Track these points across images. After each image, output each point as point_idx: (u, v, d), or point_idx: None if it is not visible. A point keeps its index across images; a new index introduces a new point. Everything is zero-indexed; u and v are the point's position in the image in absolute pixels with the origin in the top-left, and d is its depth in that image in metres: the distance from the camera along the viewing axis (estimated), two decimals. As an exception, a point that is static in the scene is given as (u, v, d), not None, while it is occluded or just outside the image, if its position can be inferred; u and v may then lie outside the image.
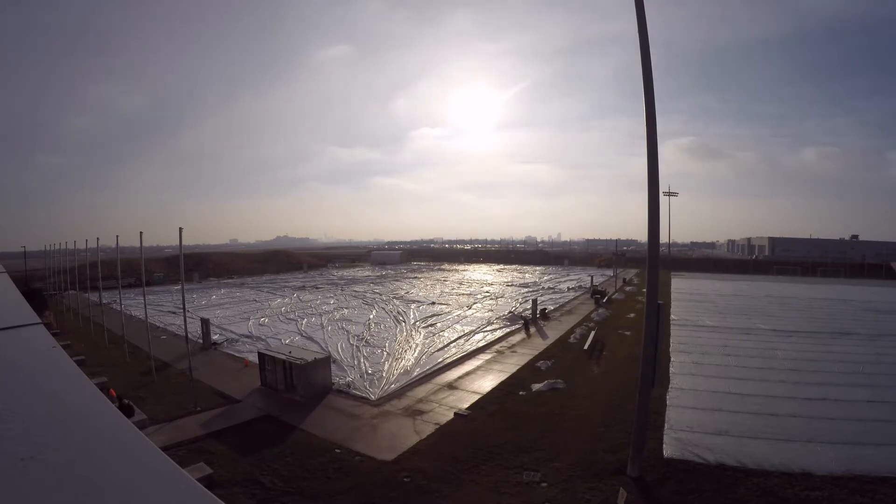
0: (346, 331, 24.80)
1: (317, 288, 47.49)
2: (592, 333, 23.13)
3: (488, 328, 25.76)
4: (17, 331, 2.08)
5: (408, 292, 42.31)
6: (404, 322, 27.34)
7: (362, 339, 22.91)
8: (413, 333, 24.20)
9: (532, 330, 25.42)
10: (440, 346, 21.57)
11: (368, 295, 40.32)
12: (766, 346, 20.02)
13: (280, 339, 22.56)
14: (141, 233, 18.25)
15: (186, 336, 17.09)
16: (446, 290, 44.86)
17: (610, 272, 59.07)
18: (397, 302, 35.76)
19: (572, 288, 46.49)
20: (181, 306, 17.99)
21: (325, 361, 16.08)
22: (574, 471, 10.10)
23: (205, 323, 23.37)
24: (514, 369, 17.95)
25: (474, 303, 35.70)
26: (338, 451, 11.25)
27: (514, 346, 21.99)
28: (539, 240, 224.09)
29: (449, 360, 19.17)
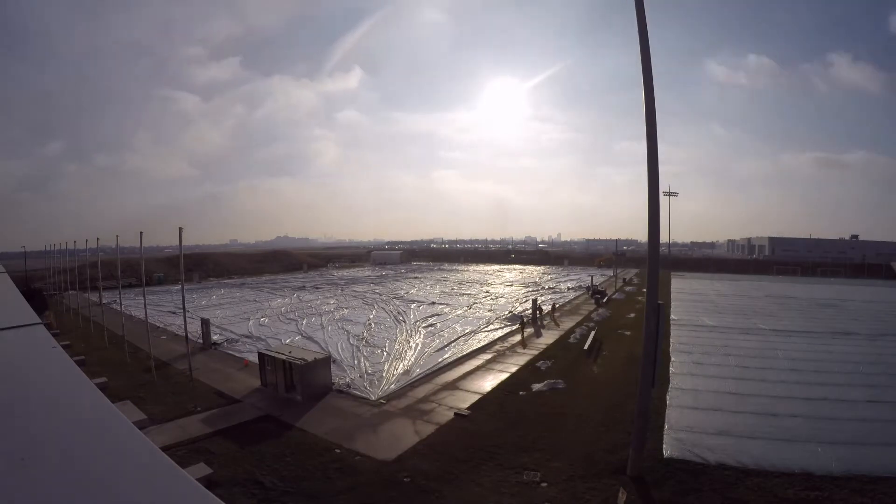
0: (347, 331, 24.80)
1: (317, 288, 47.49)
2: (592, 333, 23.13)
3: (488, 328, 25.76)
4: (17, 331, 2.08)
5: (408, 292, 42.31)
6: (404, 322, 27.34)
7: (362, 339, 22.91)
8: (413, 333, 24.20)
9: (531, 329, 25.42)
10: (440, 346, 21.57)
11: (368, 295, 40.32)
12: (766, 346, 20.02)
13: (280, 339, 22.55)
14: (141, 233, 18.30)
15: (186, 336, 17.12)
16: (446, 290, 44.85)
17: (610, 272, 59.07)
18: (397, 302, 35.75)
19: (572, 288, 46.50)
20: (181, 306, 18.02)
21: (325, 361, 16.08)
22: (574, 471, 10.10)
23: (205, 323, 23.37)
24: (514, 369, 17.96)
25: (474, 303, 35.70)
26: (338, 451, 11.25)
27: (513, 346, 21.99)
28: (539, 240, 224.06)
29: (449, 360, 19.17)
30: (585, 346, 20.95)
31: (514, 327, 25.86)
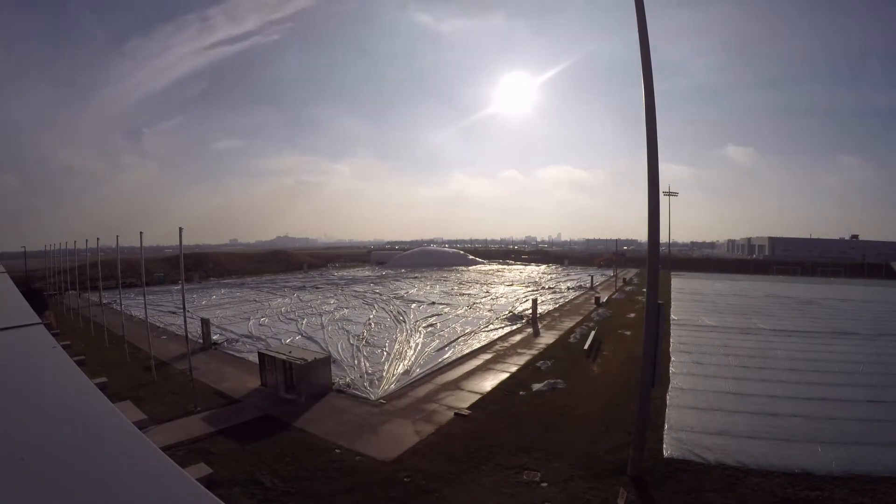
0: (347, 331, 24.80)
1: (317, 288, 47.45)
2: (592, 333, 23.13)
3: (488, 328, 25.76)
4: (17, 331, 2.08)
5: (408, 292, 42.28)
6: (404, 322, 27.33)
7: (362, 338, 22.90)
8: (413, 333, 24.19)
9: (531, 329, 25.43)
10: (440, 346, 21.57)
11: (368, 295, 40.30)
12: (766, 346, 20.03)
13: (280, 339, 22.55)
14: (141, 233, 18.26)
15: (186, 336, 17.09)
16: (446, 289, 44.83)
17: (610, 272, 59.09)
18: (397, 302, 35.74)
19: (572, 288, 46.50)
20: (181, 306, 18.01)
21: (326, 361, 16.08)
22: (574, 471, 10.10)
23: (205, 323, 23.36)
24: (514, 369, 17.95)
25: (474, 303, 35.68)
26: (338, 451, 11.25)
27: (514, 345, 21.99)
28: (539, 240, 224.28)
29: (449, 360, 19.17)
30: (585, 346, 20.94)
31: (515, 327, 25.88)
